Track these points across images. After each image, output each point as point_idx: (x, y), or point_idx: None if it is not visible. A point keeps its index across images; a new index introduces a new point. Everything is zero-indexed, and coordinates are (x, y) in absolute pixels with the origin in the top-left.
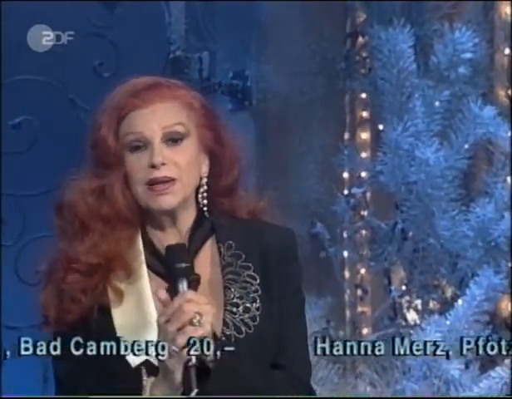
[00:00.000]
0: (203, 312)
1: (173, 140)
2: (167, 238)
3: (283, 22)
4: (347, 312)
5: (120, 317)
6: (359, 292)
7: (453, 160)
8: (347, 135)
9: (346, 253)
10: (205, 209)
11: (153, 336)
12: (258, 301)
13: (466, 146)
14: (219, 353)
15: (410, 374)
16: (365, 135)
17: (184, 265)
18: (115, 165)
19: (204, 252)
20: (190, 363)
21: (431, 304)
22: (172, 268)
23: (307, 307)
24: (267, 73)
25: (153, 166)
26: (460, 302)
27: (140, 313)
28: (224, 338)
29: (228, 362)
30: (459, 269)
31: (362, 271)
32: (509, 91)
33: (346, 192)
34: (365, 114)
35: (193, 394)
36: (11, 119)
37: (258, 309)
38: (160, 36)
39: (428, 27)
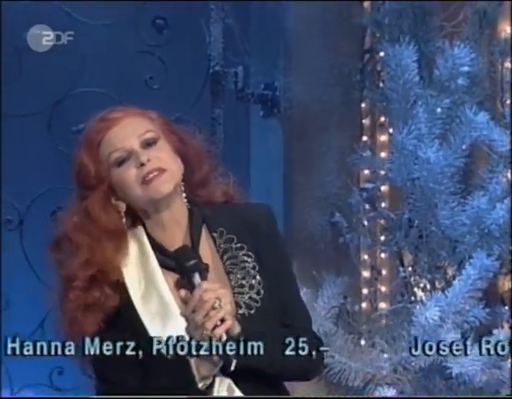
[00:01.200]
0: (220, 296)
1: (148, 143)
2: (170, 235)
3: (306, 40)
4: (364, 290)
5: (146, 313)
6: (374, 273)
7: (451, 159)
8: (364, 138)
9: (361, 239)
10: (185, 200)
11: (179, 323)
12: (258, 276)
13: (464, 147)
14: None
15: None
16: (382, 138)
17: (193, 262)
18: (96, 186)
19: (202, 243)
20: (223, 339)
21: (436, 283)
22: (184, 267)
23: (328, 286)
24: (292, 84)
25: (142, 164)
26: (456, 280)
27: (162, 306)
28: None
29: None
30: (458, 253)
31: (376, 254)
32: (507, 100)
33: (360, 187)
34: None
35: (233, 365)
36: (75, 125)
37: (259, 283)
38: (201, 53)
39: (432, 44)
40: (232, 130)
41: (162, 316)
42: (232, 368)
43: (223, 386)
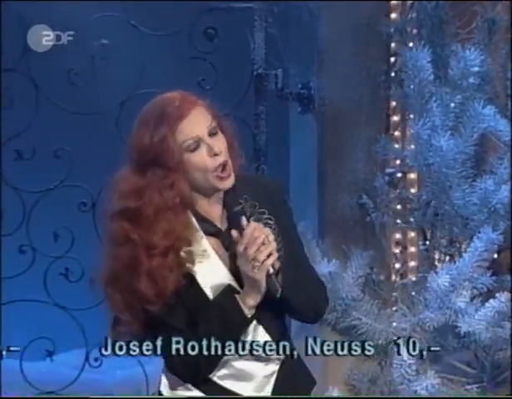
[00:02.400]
0: (265, 233)
1: (212, 133)
2: (211, 206)
3: (337, 46)
4: (391, 262)
5: (201, 275)
6: (398, 247)
7: (462, 147)
8: (390, 131)
9: (385, 218)
10: None
11: (222, 274)
12: (278, 236)
13: (474, 137)
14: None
15: (430, 306)
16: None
17: (240, 207)
18: (178, 166)
19: None
20: (271, 272)
21: (450, 255)
22: (232, 213)
23: (355, 258)
24: (325, 85)
25: (215, 155)
26: (466, 252)
27: (211, 270)
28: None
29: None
30: (469, 228)
31: (398, 231)
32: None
33: (383, 172)
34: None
35: (278, 293)
36: None
37: (279, 242)
38: (246, 58)
39: (448, 48)
40: (273, 124)
41: (214, 280)
42: (278, 295)
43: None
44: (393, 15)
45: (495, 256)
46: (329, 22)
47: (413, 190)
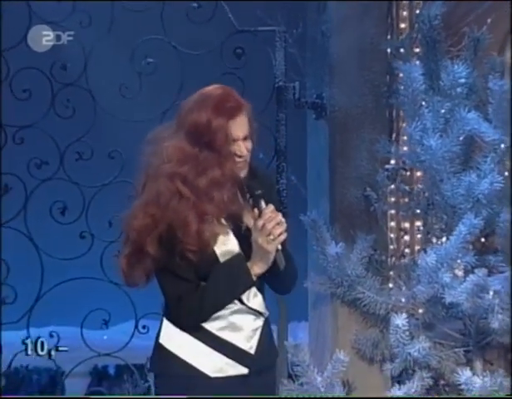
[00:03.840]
0: (279, 216)
1: (245, 138)
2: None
3: (345, 62)
4: (391, 245)
5: (218, 248)
6: (398, 232)
7: (449, 146)
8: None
9: (386, 207)
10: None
11: (235, 248)
12: None
13: (461, 138)
14: None
15: (421, 281)
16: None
17: (260, 191)
18: (229, 151)
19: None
20: (279, 248)
21: (441, 239)
22: (254, 195)
23: (360, 241)
24: (335, 95)
25: (240, 156)
26: (452, 235)
27: (222, 237)
28: None
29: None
30: (456, 216)
31: (396, 219)
32: None
33: (383, 168)
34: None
35: (282, 266)
36: None
37: None
38: (269, 73)
39: (440, 63)
40: (292, 128)
41: (226, 249)
42: (281, 268)
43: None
44: (392, 34)
45: (483, 240)
46: (339, 41)
47: (409, 184)
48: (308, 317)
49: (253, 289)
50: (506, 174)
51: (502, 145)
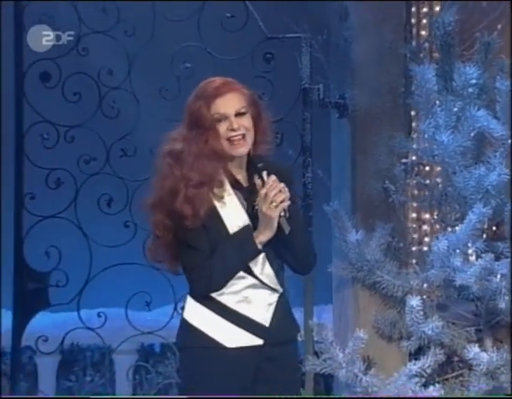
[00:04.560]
0: (280, 184)
1: (239, 114)
2: (237, 168)
3: (366, 65)
4: (411, 233)
5: (226, 215)
6: (414, 221)
7: (460, 141)
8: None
9: (403, 198)
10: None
11: (245, 222)
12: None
13: (472, 134)
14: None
15: (434, 266)
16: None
17: (261, 164)
18: (211, 128)
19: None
20: (282, 214)
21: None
22: (256, 168)
23: (379, 229)
24: (356, 95)
25: (232, 129)
26: (463, 223)
27: (234, 213)
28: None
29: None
30: (467, 205)
31: (413, 208)
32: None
33: (400, 162)
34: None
35: (287, 231)
36: None
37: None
38: (296, 75)
39: (453, 65)
40: (317, 127)
41: (235, 218)
42: (286, 232)
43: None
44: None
45: (494, 228)
46: (359, 46)
47: (424, 177)
48: (332, 299)
49: (267, 266)
50: None
51: (510, 141)
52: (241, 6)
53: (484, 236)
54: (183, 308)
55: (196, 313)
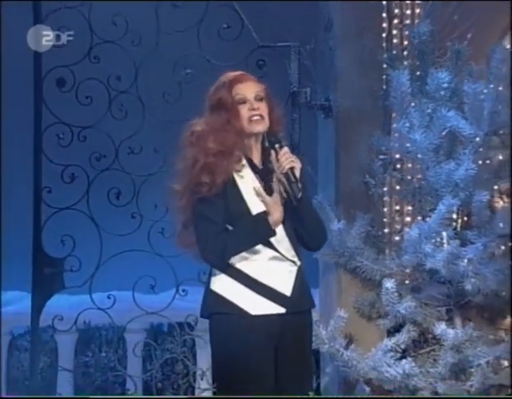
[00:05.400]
0: (292, 155)
1: (258, 99)
2: (253, 148)
3: (348, 70)
4: (388, 222)
5: (245, 192)
6: (393, 211)
7: (432, 139)
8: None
9: (381, 191)
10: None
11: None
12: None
13: (444, 133)
14: None
15: (407, 251)
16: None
17: (274, 138)
18: (233, 109)
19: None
20: (293, 180)
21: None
22: (270, 141)
23: (359, 219)
24: (340, 98)
25: (253, 109)
26: (433, 213)
27: (250, 184)
28: None
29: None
30: (439, 198)
31: (391, 200)
32: None
33: (379, 158)
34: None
35: (299, 195)
36: None
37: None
38: (285, 80)
39: (427, 71)
40: (305, 126)
41: (252, 190)
42: (298, 197)
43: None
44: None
45: (465, 218)
46: (343, 54)
47: (401, 172)
48: (319, 283)
49: (286, 239)
50: (480, 162)
51: (477, 139)
52: (236, 18)
53: (459, 225)
54: (208, 283)
55: (223, 284)
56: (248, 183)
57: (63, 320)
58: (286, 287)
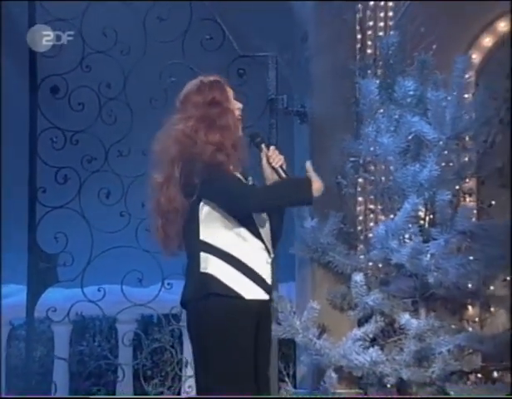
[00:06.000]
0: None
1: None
2: None
3: (323, 79)
4: (359, 220)
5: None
6: (364, 210)
7: (399, 143)
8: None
9: (353, 191)
10: None
11: None
12: None
13: (410, 137)
14: None
15: (375, 247)
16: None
17: (259, 138)
18: (230, 104)
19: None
20: (283, 176)
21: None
22: (258, 140)
23: (332, 217)
24: (315, 105)
25: (239, 109)
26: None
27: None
28: None
29: None
30: (405, 197)
31: (361, 199)
32: None
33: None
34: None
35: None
36: None
37: None
38: (263, 88)
39: (395, 79)
40: (282, 131)
41: None
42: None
43: None
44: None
45: (431, 216)
46: (317, 63)
47: (370, 173)
48: (295, 277)
49: (269, 234)
50: (443, 164)
51: (440, 142)
52: (218, 29)
53: (427, 223)
54: (193, 269)
55: (217, 267)
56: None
57: (56, 311)
58: (268, 276)
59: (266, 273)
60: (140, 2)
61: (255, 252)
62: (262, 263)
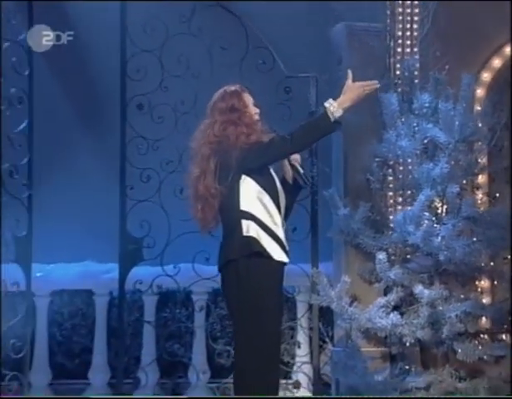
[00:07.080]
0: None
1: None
2: None
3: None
4: (383, 209)
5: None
6: (389, 201)
7: (416, 146)
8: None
9: (379, 185)
10: None
11: None
12: None
13: (425, 141)
14: None
15: (396, 231)
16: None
17: None
18: (248, 107)
19: None
20: (301, 171)
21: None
22: None
23: (361, 207)
24: (346, 116)
25: (256, 113)
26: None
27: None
28: None
29: None
30: (422, 189)
31: (386, 192)
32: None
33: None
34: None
35: (304, 185)
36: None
37: None
38: (306, 102)
39: (413, 94)
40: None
41: None
42: (304, 186)
43: None
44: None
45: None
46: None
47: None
48: (333, 257)
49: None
50: (452, 163)
51: (450, 145)
52: (269, 55)
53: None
54: (236, 234)
55: (256, 232)
56: None
57: (142, 284)
58: (286, 244)
59: (286, 241)
60: (205, 36)
61: (278, 223)
62: (282, 233)
